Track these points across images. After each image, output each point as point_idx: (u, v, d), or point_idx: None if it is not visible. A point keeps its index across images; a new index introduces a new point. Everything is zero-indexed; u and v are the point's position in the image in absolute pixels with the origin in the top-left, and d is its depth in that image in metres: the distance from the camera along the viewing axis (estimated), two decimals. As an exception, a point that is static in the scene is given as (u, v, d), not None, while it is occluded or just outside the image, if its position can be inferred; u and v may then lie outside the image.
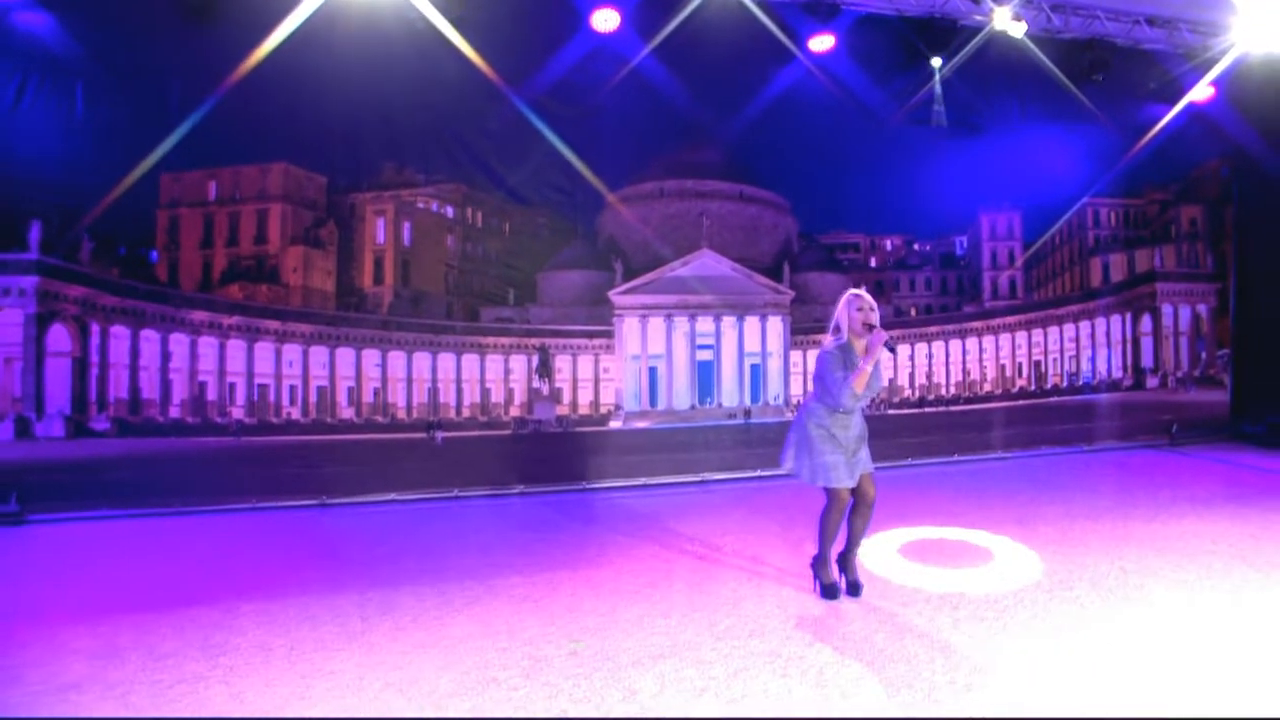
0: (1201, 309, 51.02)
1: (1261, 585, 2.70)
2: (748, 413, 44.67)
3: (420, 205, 50.58)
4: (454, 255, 52.16)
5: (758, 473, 6.68)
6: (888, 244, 69.03)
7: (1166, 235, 64.50)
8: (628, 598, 2.74)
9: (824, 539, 2.81)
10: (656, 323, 48.16)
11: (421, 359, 42.91)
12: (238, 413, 35.58)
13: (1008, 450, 7.70)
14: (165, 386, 33.72)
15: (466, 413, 43.26)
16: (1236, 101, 6.89)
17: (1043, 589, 2.63)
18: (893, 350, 2.54)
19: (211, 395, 35.43)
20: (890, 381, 55.40)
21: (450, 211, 52.72)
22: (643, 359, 47.89)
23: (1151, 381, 47.71)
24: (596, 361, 47.80)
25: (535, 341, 44.06)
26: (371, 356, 41.47)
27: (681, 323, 48.22)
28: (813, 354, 46.11)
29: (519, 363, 44.74)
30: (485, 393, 44.81)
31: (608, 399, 46.09)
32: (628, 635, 2.25)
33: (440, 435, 28.96)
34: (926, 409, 45.62)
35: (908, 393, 56.97)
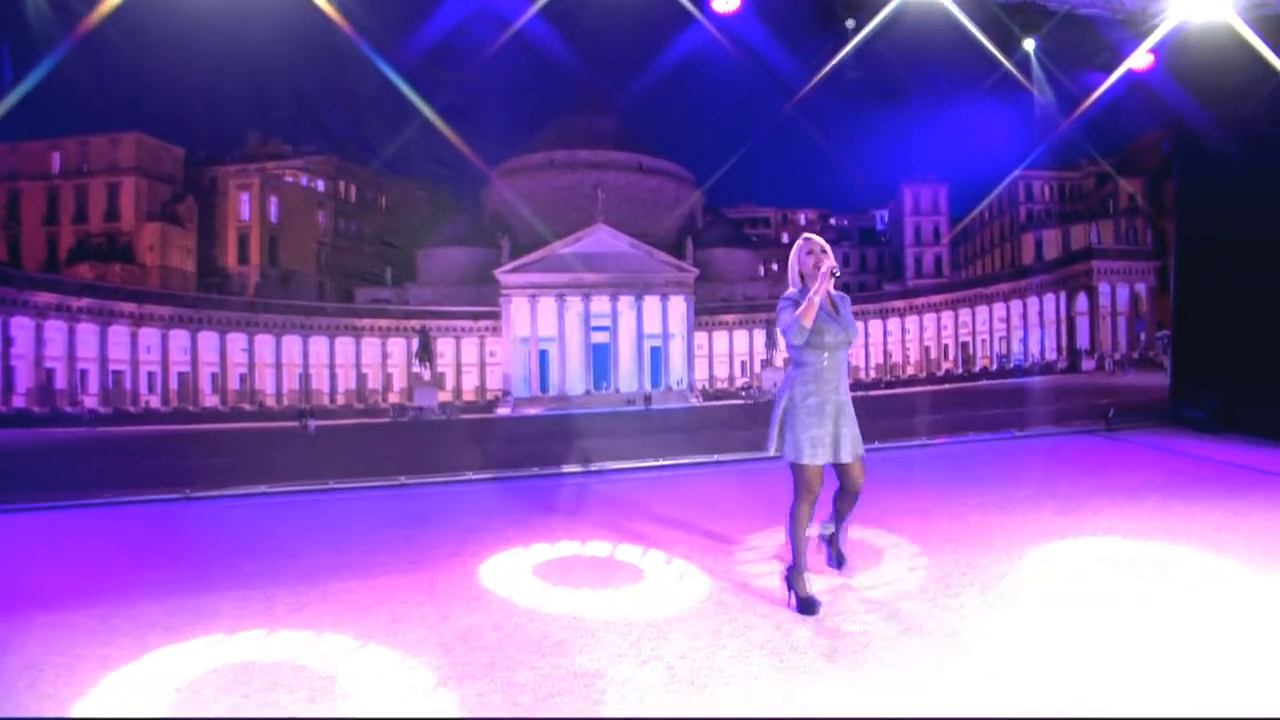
0: (1141, 288, 57.76)
1: (1171, 591, 2.70)
2: (648, 399, 50.46)
3: (288, 179, 55.78)
4: (326, 232, 57.80)
5: (659, 462, 6.99)
6: (801, 218, 77.13)
7: (1104, 210, 74.13)
8: (465, 605, 2.91)
9: (796, 542, 2.86)
10: (547, 303, 54.81)
11: (291, 343, 48.89)
12: (90, 401, 40.75)
13: (932, 437, 8.10)
14: (7, 374, 38.58)
15: (341, 400, 49.60)
16: (1176, 70, 7.14)
17: (926, 594, 2.67)
18: (836, 275, 2.75)
19: (60, 383, 40.53)
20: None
21: (321, 185, 58.13)
22: (532, 342, 54.53)
23: (1087, 364, 53.42)
24: (482, 344, 54.24)
25: (415, 323, 50.34)
26: (237, 340, 47.19)
27: (574, 303, 54.99)
28: (719, 335, 55.39)
29: (398, 346, 51.12)
30: (361, 378, 51.18)
31: (495, 384, 52.74)
32: (446, 652, 2.37)
33: (313, 424, 34.35)
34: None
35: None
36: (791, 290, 2.96)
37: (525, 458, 8.93)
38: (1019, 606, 2.72)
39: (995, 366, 58.45)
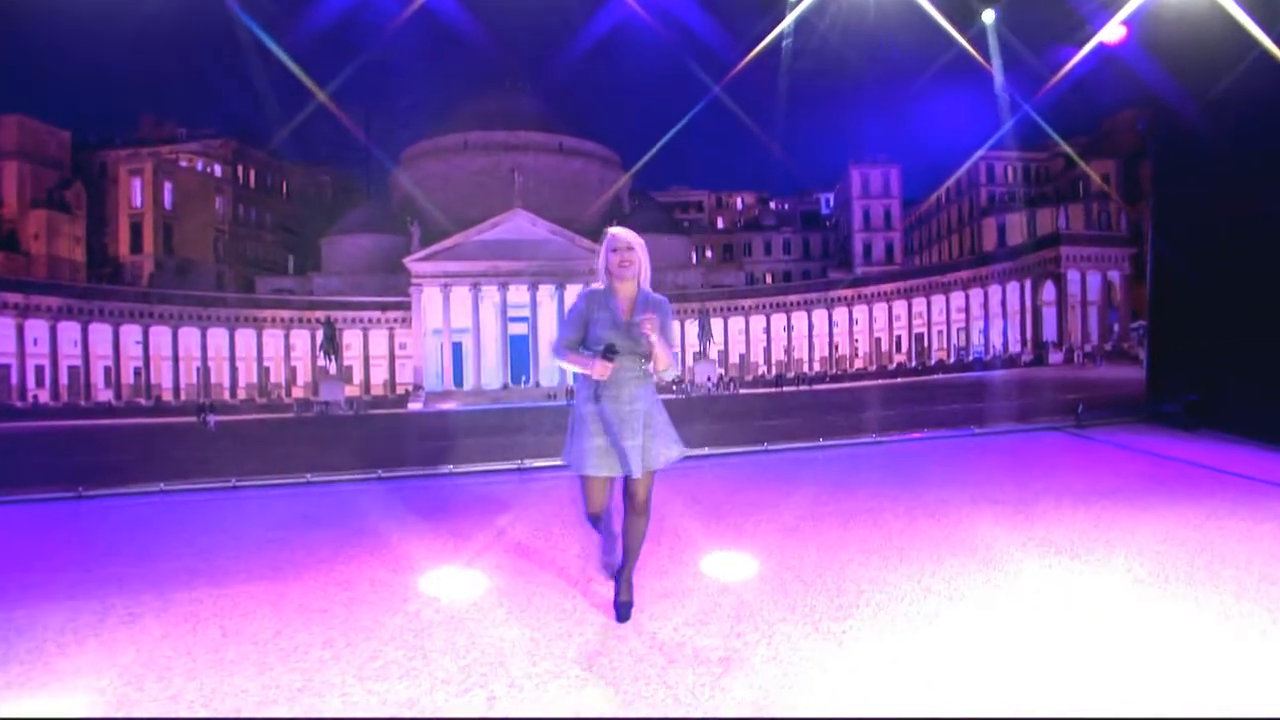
0: (1114, 275, 63.27)
1: (1055, 618, 2.93)
2: (570, 393, 57.57)
3: (184, 164, 63.11)
4: (224, 219, 65.21)
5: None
6: (738, 202, 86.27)
7: (1074, 193, 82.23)
8: (307, 619, 3.19)
9: (602, 539, 3.25)
10: (461, 292, 62.43)
11: (189, 335, 56.09)
12: (-26, 395, 46.97)
13: (882, 434, 8.79)
14: (-112, 367, 44.85)
15: (243, 394, 56.92)
16: (1151, 43, 7.66)
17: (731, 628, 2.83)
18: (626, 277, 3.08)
19: None
20: (741, 357, 71.40)
21: (218, 170, 65.54)
22: (445, 333, 62.25)
23: (1055, 356, 57.53)
24: (391, 336, 61.48)
25: (320, 314, 57.76)
26: (131, 333, 54.20)
27: (491, 292, 62.76)
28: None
29: (301, 338, 58.55)
30: (263, 372, 58.56)
31: (405, 378, 60.18)
32: (261, 671, 2.62)
33: (213, 419, 40.10)
34: (785, 388, 56.56)
35: (763, 370, 72.69)
36: (596, 286, 3.18)
37: (435, 455, 9.48)
38: (860, 637, 2.83)
39: (953, 359, 64.24)
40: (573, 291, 64.00)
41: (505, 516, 5.44)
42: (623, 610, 3.26)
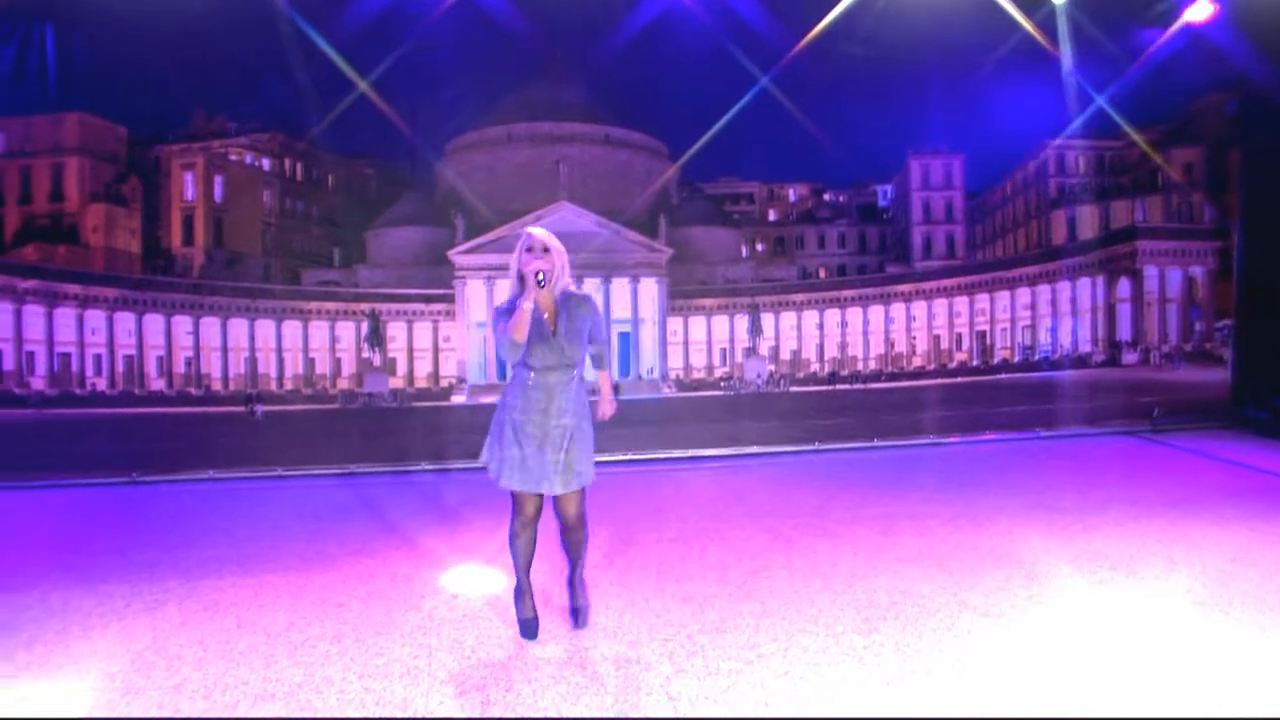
0: (1196, 271, 61.35)
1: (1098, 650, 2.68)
2: (616, 388, 58.11)
3: (233, 158, 65.67)
4: (271, 212, 67.57)
5: (627, 456, 7.97)
6: (791, 193, 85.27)
7: (1152, 184, 79.26)
8: (322, 612, 3.27)
9: (513, 560, 3.08)
10: (505, 285, 61.76)
11: (237, 326, 58.28)
12: (38, 383, 50.02)
13: (942, 435, 8.70)
14: (-44, 355, 47.77)
15: (289, 385, 58.86)
16: (1242, 21, 7.39)
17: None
18: (541, 284, 2.79)
19: (8, 364, 50.11)
20: (793, 354, 70.78)
21: (266, 164, 67.88)
22: (489, 327, 62.28)
23: (1129, 356, 55.69)
24: (435, 329, 62.78)
25: (365, 307, 59.23)
26: (182, 323, 56.57)
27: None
28: (696, 321, 64.07)
29: (347, 330, 60.17)
30: (309, 363, 60.35)
31: (449, 371, 61.32)
32: (267, 664, 2.68)
33: (261, 409, 41.46)
34: (839, 386, 55.68)
35: (815, 367, 72.11)
36: (507, 297, 2.99)
37: (477, 449, 11.77)
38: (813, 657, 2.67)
39: (1018, 359, 62.51)
40: (619, 285, 64.61)
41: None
42: (579, 616, 3.17)
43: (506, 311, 2.97)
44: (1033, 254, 68.40)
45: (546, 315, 3.02)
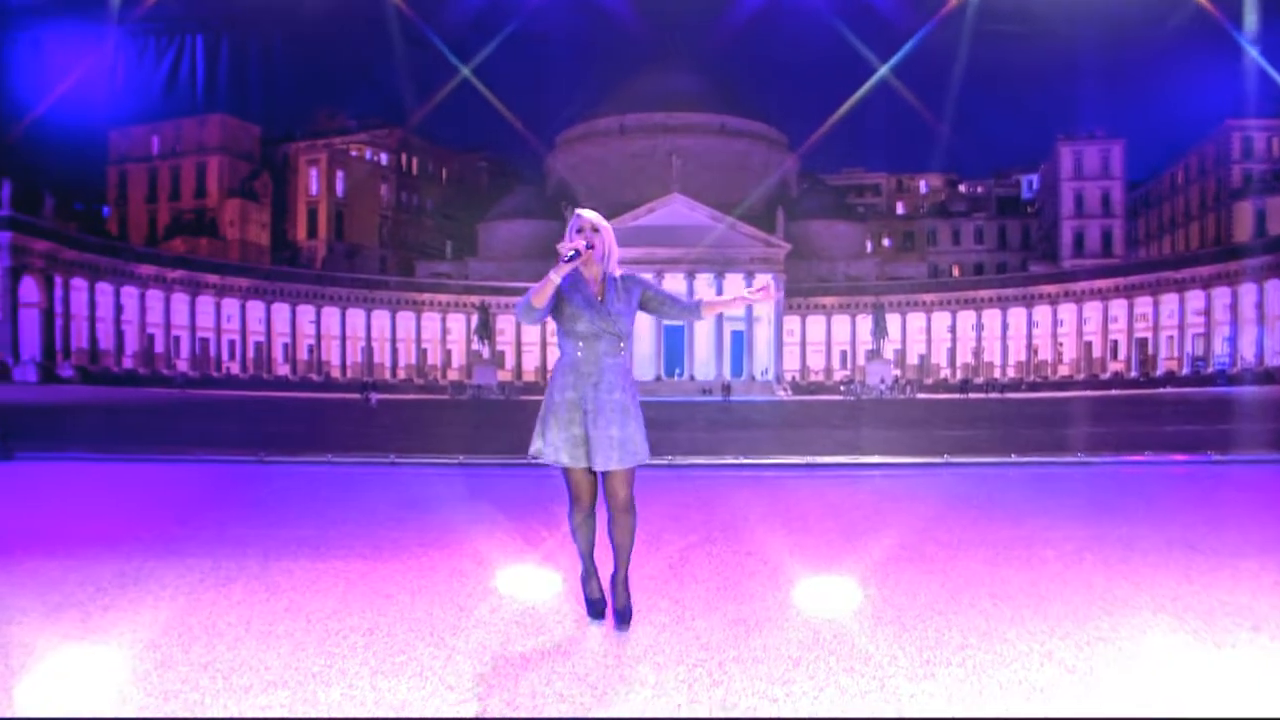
0: None
1: None
2: (727, 388, 55.81)
3: (354, 153, 70.64)
4: (388, 205, 72.05)
5: (738, 459, 8.01)
6: (922, 185, 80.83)
7: None
8: (369, 603, 3.45)
9: (577, 547, 3.30)
10: None
11: (355, 316, 62.60)
12: (182, 365, 56.17)
13: (1091, 453, 8.21)
14: (119, 338, 54.68)
15: (402, 374, 62.59)
16: None
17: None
18: (572, 258, 2.99)
19: (159, 348, 56.66)
20: (921, 358, 67.74)
21: (384, 158, 72.41)
22: (593, 320, 63.50)
23: None
24: (544, 323, 63.66)
25: (475, 299, 61.96)
26: (306, 312, 61.47)
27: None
28: (815, 320, 63.71)
29: (457, 322, 63.16)
30: (421, 353, 63.86)
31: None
32: (295, 650, 2.86)
33: (375, 397, 44.58)
34: (972, 395, 53.26)
35: (945, 373, 68.89)
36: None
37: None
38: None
39: (1187, 370, 58.33)
40: (733, 281, 64.01)
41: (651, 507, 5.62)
42: (620, 617, 3.26)
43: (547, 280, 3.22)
44: (1209, 251, 62.65)
45: (596, 289, 3.24)
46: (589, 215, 3.26)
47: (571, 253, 3.05)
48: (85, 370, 50.55)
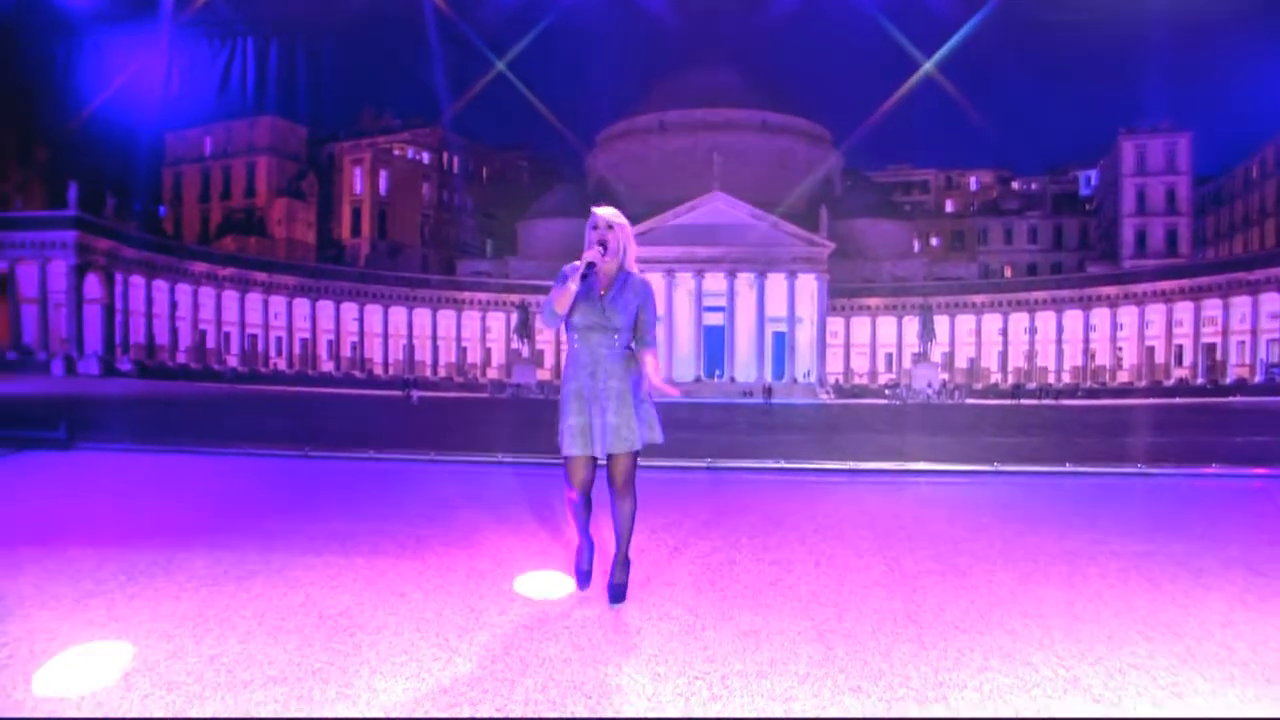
0: None
1: None
2: (768, 391, 55.78)
3: (396, 152, 72.39)
4: (430, 204, 73.51)
5: (778, 464, 8.01)
6: (972, 181, 79.02)
7: None
8: (382, 601, 3.52)
9: (574, 523, 3.56)
10: (654, 279, 63.08)
11: (397, 314, 63.88)
12: (232, 361, 58.05)
13: (1152, 465, 7.93)
14: (173, 333, 56.76)
15: (442, 372, 63.62)
16: None
17: None
18: (586, 274, 3.22)
19: (210, 343, 58.69)
20: (970, 362, 66.22)
21: (426, 157, 73.91)
22: (638, 318, 63.50)
23: None
24: None
25: (515, 298, 62.60)
26: (350, 310, 62.99)
27: (685, 279, 63.96)
28: (859, 322, 63.03)
29: (497, 320, 63.91)
30: (461, 352, 64.81)
31: (595, 364, 62.85)
32: (301, 645, 2.90)
33: (416, 394, 45.99)
34: (1024, 401, 52.02)
35: (996, 378, 67.16)
36: (576, 263, 3.30)
37: (683, 447, 10.16)
38: None
39: (1260, 378, 55.89)
40: (774, 281, 63.59)
41: (659, 518, 5.50)
42: (615, 591, 3.51)
43: (564, 278, 3.37)
44: (1285, 251, 59.18)
45: (603, 283, 3.44)
46: (604, 213, 3.43)
47: (586, 266, 3.30)
48: (142, 364, 52.49)
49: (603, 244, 3.35)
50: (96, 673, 2.74)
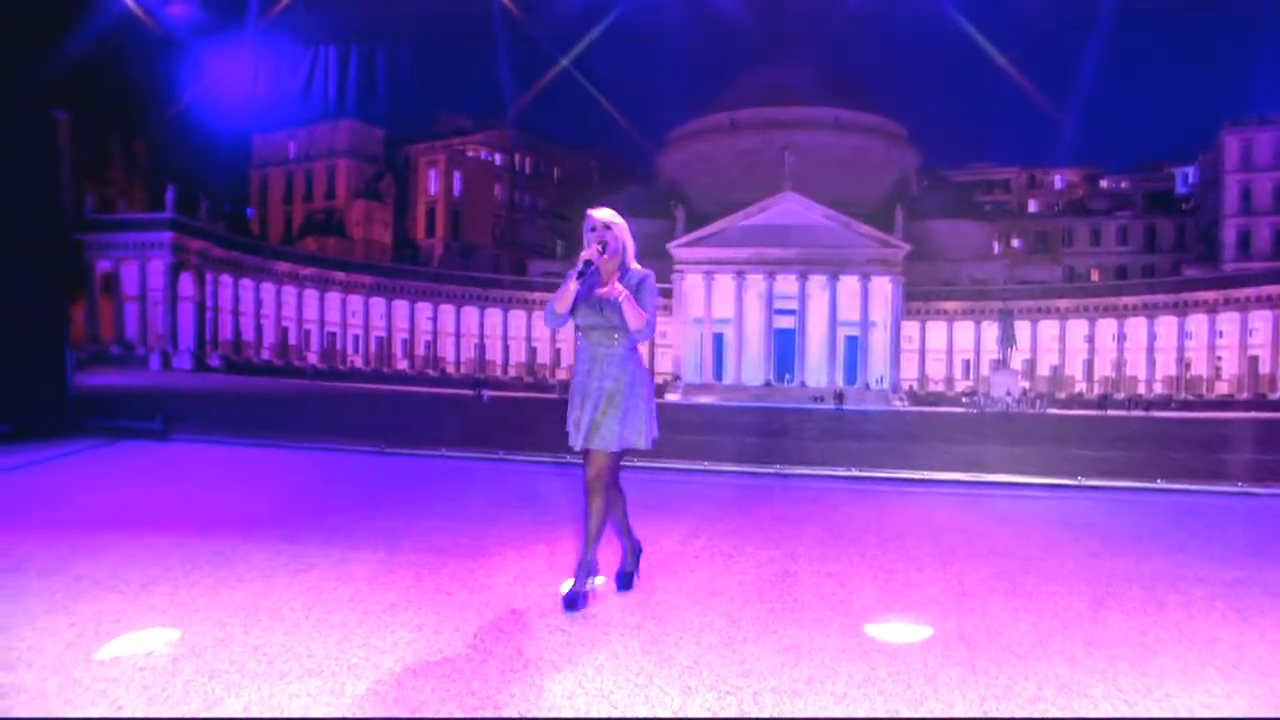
0: None
1: None
2: (840, 396, 54.74)
3: (470, 154, 73.93)
4: (502, 205, 74.96)
5: (849, 471, 8.01)
6: (1056, 180, 75.02)
7: None
8: (426, 600, 3.54)
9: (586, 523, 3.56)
10: (724, 281, 63.79)
11: (469, 313, 65.42)
12: (312, 358, 60.63)
13: (1255, 483, 7.55)
14: (258, 330, 59.60)
15: (512, 372, 64.85)
16: None
17: None
18: (584, 272, 3.30)
19: (292, 340, 61.32)
20: (1054, 369, 63.37)
21: (499, 158, 75.42)
22: (706, 323, 64.29)
23: None
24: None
25: (581, 299, 62.73)
26: (424, 309, 64.86)
27: (756, 281, 63.31)
28: (935, 326, 61.92)
29: (537, 321, 64.19)
30: (531, 351, 65.86)
31: (664, 367, 63.37)
32: (341, 640, 2.99)
33: (487, 394, 47.50)
34: (1112, 411, 49.70)
35: (1081, 387, 64.12)
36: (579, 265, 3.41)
37: (691, 449, 10.49)
38: None
39: None
40: (847, 283, 62.35)
41: (719, 524, 5.46)
42: (621, 579, 3.76)
43: (568, 278, 3.47)
44: None
45: (604, 281, 3.50)
46: (599, 214, 3.53)
47: (584, 264, 3.38)
48: (229, 360, 55.50)
49: (603, 244, 3.43)
50: (148, 657, 2.86)
